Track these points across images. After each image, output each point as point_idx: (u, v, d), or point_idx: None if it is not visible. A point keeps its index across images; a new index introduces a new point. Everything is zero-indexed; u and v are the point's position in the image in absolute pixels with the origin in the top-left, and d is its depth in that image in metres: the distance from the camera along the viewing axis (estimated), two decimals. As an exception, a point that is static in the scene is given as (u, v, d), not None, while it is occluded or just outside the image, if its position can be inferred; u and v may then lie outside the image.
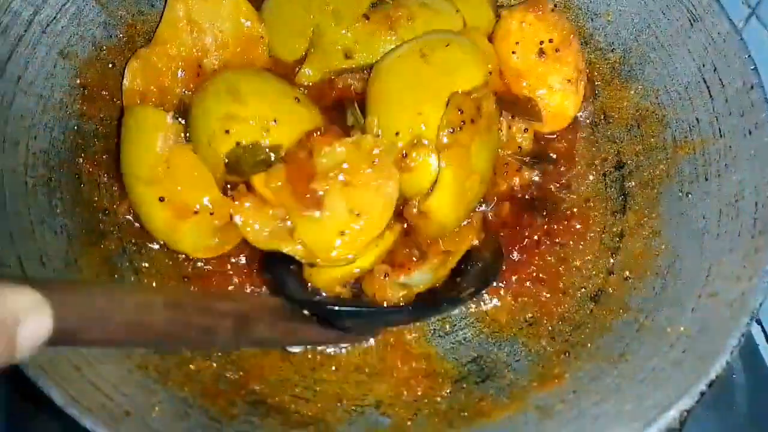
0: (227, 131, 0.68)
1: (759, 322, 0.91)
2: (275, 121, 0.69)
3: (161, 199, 0.68)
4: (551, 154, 0.82)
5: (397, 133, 0.70)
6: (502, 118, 0.76)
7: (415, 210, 0.70)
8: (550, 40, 0.80)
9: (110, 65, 0.79)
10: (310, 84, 0.78)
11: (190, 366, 0.66)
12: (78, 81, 0.76)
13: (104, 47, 0.79)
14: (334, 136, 0.68)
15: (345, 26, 0.77)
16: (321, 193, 0.66)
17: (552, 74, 0.80)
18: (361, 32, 0.77)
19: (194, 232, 0.70)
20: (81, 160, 0.75)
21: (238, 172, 0.69)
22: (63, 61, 0.74)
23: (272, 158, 0.68)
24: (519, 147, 0.79)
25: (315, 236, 0.66)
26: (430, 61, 0.71)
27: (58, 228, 0.69)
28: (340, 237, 0.66)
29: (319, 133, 0.69)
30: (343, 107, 0.76)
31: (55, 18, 0.74)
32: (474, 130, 0.69)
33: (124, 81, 0.75)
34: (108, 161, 0.77)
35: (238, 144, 0.68)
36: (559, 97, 0.80)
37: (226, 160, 0.69)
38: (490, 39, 0.82)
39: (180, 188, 0.68)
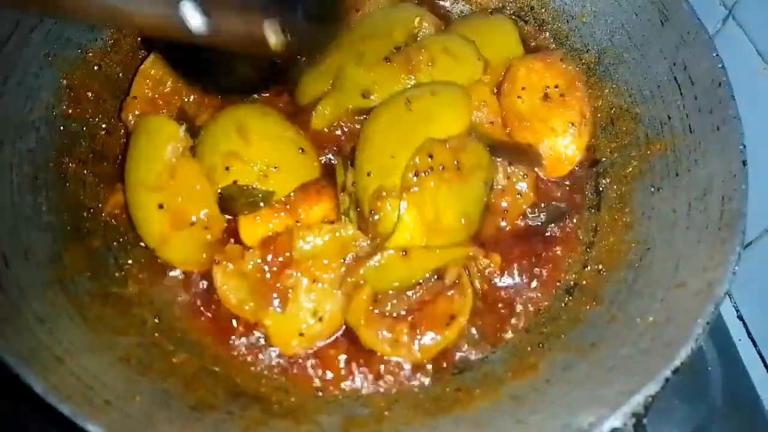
0: (227, 168, 0.71)
1: (741, 318, 0.93)
2: (276, 168, 0.72)
3: (161, 206, 0.70)
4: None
5: (369, 174, 0.73)
6: (498, 166, 0.77)
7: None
8: (556, 86, 0.81)
9: (96, 67, 0.81)
10: (321, 128, 0.80)
11: (173, 359, 0.67)
12: (64, 82, 0.77)
13: (90, 50, 0.80)
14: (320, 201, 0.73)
15: (365, 68, 0.78)
16: (289, 290, 0.69)
17: (556, 117, 0.80)
18: (381, 74, 0.78)
19: (186, 244, 0.72)
20: (66, 159, 0.76)
21: (227, 208, 0.73)
22: (49, 63, 0.76)
23: (262, 203, 0.72)
24: (518, 194, 0.78)
25: (276, 328, 0.70)
26: (413, 108, 0.74)
27: (43, 225, 0.70)
28: (298, 338, 0.70)
29: (314, 187, 0.74)
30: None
31: (41, 20, 0.75)
32: (440, 177, 0.71)
33: (144, 64, 0.79)
34: (93, 161, 0.78)
35: (235, 182, 0.71)
36: (561, 142, 0.80)
37: (220, 194, 0.72)
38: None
39: (181, 198, 0.70)
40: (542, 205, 0.79)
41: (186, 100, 0.81)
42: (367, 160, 0.73)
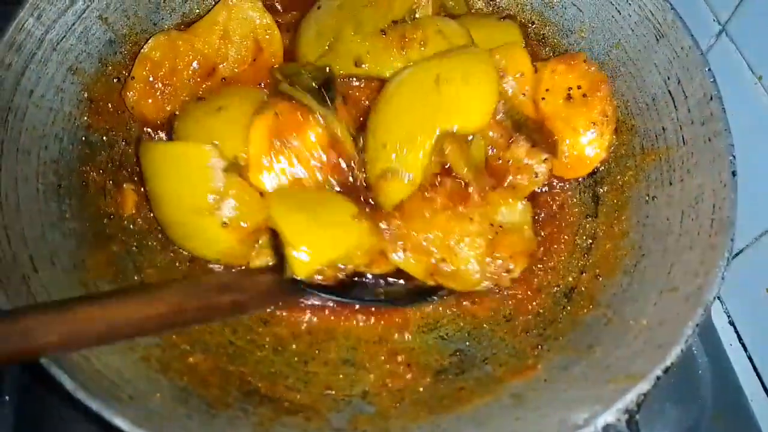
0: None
1: (732, 324, 0.96)
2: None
3: (224, 224, 0.72)
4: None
5: (384, 145, 0.75)
6: (521, 143, 0.78)
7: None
8: (579, 87, 0.82)
9: (115, 80, 0.85)
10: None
11: (189, 359, 0.71)
12: (85, 95, 0.81)
13: (110, 63, 0.84)
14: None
15: (362, 36, 0.81)
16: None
17: (578, 117, 0.81)
18: (375, 45, 0.80)
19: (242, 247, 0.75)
20: (88, 168, 0.80)
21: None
22: (72, 76, 0.80)
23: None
24: (535, 174, 0.80)
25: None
26: (442, 91, 0.74)
27: (67, 231, 0.74)
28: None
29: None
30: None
31: (64, 36, 0.79)
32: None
33: (144, 47, 0.81)
34: (112, 169, 0.82)
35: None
36: (583, 142, 0.82)
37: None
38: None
39: (238, 211, 0.72)
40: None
41: (190, 81, 0.83)
42: (386, 130, 0.75)
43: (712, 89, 0.76)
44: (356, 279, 0.76)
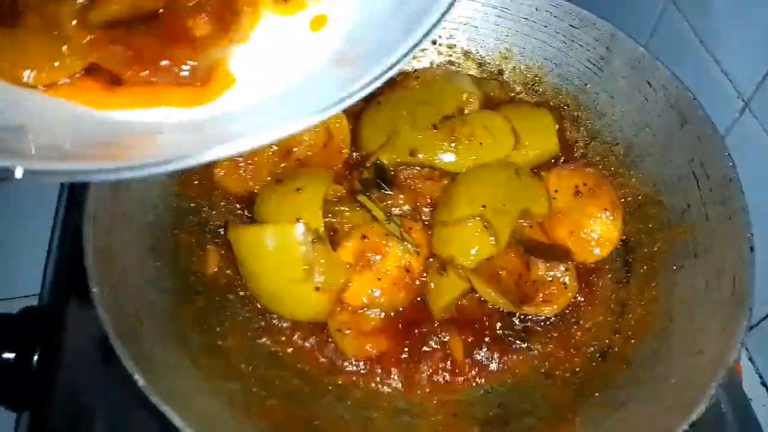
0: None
1: (764, 385, 1.02)
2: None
3: (317, 289, 0.82)
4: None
5: (483, 207, 0.88)
6: (539, 264, 0.89)
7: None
8: (585, 184, 0.95)
9: (201, 154, 0.97)
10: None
11: (266, 403, 0.80)
12: (177, 168, 0.94)
13: (198, 140, 0.97)
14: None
15: (416, 131, 0.94)
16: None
17: (589, 206, 0.93)
18: (428, 138, 0.94)
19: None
20: (177, 231, 0.92)
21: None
22: (167, 152, 0.93)
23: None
24: (564, 284, 0.89)
25: None
26: (522, 179, 0.92)
27: (162, 287, 0.85)
28: None
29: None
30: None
31: (163, 118, 0.92)
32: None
33: None
34: (198, 231, 0.94)
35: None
36: (599, 226, 0.93)
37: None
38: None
39: (326, 276, 0.82)
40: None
41: (269, 161, 0.95)
42: (477, 195, 0.90)
43: (731, 172, 0.86)
44: None
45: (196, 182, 0.96)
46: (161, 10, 0.59)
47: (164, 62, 0.58)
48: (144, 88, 0.58)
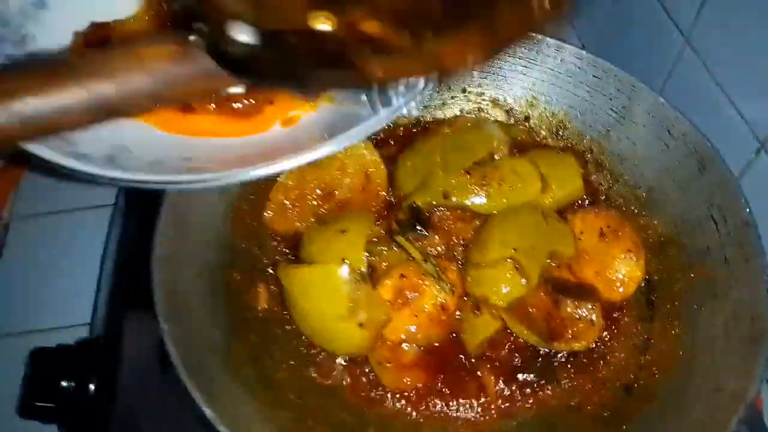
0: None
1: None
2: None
3: (361, 325, 0.89)
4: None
5: (515, 249, 0.93)
6: (568, 303, 0.95)
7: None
8: (608, 226, 1.01)
9: (251, 197, 1.05)
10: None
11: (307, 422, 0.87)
12: (230, 213, 1.02)
13: (248, 187, 1.04)
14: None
15: (449, 175, 1.01)
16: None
17: (614, 248, 1.00)
18: (460, 182, 1.01)
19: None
20: (229, 270, 0.99)
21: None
22: (221, 198, 1.01)
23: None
24: (591, 322, 0.95)
25: None
26: (549, 222, 0.98)
27: (218, 323, 0.92)
28: None
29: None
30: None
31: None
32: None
33: (280, 176, 1.01)
34: (248, 270, 1.01)
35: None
36: (624, 266, 0.99)
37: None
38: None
39: (368, 313, 0.89)
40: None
41: (314, 203, 1.03)
42: (508, 238, 0.95)
43: (747, 217, 0.91)
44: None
45: (247, 223, 1.04)
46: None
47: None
48: (210, 115, 0.76)
